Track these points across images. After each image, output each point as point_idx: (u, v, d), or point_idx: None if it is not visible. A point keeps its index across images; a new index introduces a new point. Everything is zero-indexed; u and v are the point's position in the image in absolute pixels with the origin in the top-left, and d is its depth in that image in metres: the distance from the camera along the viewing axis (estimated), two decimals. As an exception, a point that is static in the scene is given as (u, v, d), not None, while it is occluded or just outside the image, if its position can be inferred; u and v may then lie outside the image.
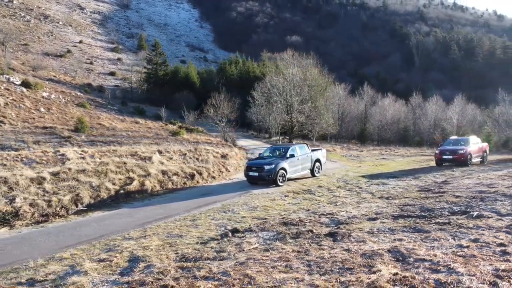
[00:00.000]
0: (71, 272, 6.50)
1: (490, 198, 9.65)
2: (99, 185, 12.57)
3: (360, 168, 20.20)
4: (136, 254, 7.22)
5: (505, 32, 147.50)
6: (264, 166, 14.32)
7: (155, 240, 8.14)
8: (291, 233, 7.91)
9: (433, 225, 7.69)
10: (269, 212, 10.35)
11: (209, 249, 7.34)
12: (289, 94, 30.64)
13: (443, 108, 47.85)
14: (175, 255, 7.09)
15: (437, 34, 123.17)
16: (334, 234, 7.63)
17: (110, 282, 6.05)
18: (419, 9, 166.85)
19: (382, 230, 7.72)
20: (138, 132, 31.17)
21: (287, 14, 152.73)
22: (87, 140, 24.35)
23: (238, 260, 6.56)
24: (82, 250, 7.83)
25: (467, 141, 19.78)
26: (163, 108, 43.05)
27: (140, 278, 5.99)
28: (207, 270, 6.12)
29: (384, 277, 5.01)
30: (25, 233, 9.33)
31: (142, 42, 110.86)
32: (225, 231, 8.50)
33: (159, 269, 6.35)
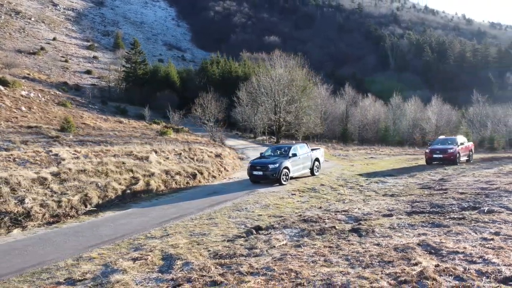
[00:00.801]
0: (109, 271, 6.52)
1: (494, 194, 10.21)
2: (105, 185, 12.46)
3: (354, 167, 20.71)
4: (168, 252, 7.29)
5: (474, 36, 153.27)
6: (269, 165, 14.54)
7: (180, 239, 8.22)
8: (315, 229, 8.16)
9: (450, 220, 8.10)
10: (283, 210, 10.57)
11: (239, 246, 7.48)
12: (278, 94, 30.93)
13: (421, 109, 49.40)
14: (208, 253, 7.21)
15: (411, 37, 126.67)
16: (357, 230, 7.93)
17: (153, 279, 6.13)
18: (393, 11, 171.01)
19: (403, 226, 8.07)
20: (124, 131, 30.77)
21: (264, 14, 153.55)
22: (76, 140, 23.90)
23: (273, 256, 6.75)
24: (108, 249, 7.82)
25: (455, 141, 20.63)
26: (146, 108, 42.61)
27: (183, 275, 6.09)
28: (248, 266, 6.28)
29: (429, 268, 5.32)
30: (41, 234, 9.21)
31: (118, 40, 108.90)
32: (248, 228, 8.67)
33: (198, 266, 6.47)
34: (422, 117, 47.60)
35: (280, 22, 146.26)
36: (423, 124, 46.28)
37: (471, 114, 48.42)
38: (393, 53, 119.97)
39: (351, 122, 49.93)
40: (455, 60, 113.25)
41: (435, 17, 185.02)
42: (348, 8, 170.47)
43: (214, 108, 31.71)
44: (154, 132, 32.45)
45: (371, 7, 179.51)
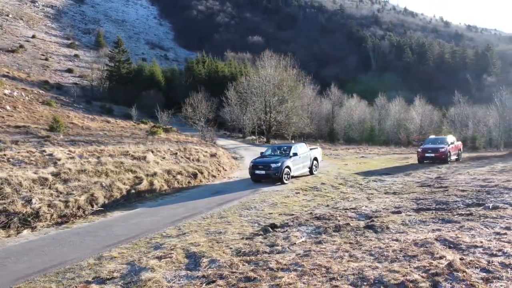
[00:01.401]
0: (137, 269, 6.57)
1: (495, 191, 10.65)
2: (110, 185, 12.40)
3: (348, 166, 21.09)
4: (191, 250, 7.38)
5: (452, 38, 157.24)
6: (271, 164, 14.71)
7: (197, 237, 8.30)
8: (330, 226, 8.38)
9: (458, 216, 8.45)
10: (291, 208, 10.76)
11: (259, 243, 7.62)
12: (268, 94, 31.16)
13: (405, 109, 50.50)
14: (230, 250, 7.33)
15: (392, 38, 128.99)
16: (372, 227, 8.18)
17: (183, 276, 6.22)
18: (374, 13, 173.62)
19: (414, 222, 8.37)
20: (114, 131, 30.44)
21: (247, 14, 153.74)
22: (67, 140, 23.54)
23: (297, 252, 6.92)
24: (127, 249, 7.85)
25: (445, 140, 21.27)
26: (133, 108, 42.21)
27: (213, 272, 6.21)
28: (275, 262, 6.43)
29: (456, 261, 5.59)
30: (53, 234, 9.14)
31: (100, 39, 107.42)
32: (264, 226, 8.82)
33: (225, 263, 6.60)
34: (406, 117, 48.67)
35: (263, 22, 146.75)
36: (407, 124, 47.32)
37: (453, 114, 49.75)
38: (374, 54, 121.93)
39: (336, 122, 50.60)
40: (434, 61, 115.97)
41: (414, 19, 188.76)
42: (330, 9, 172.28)
43: (204, 107, 31.69)
44: (143, 132, 32.19)
45: (352, 8, 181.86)
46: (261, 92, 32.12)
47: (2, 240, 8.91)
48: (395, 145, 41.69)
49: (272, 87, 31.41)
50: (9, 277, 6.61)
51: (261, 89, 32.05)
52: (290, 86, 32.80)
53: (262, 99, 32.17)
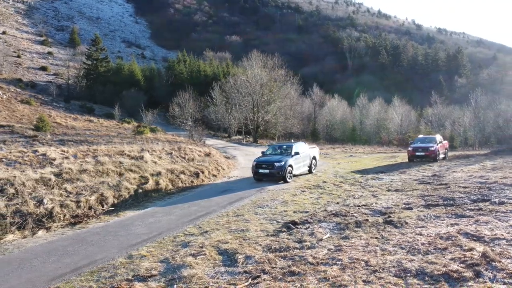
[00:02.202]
0: (175, 266, 6.66)
1: (495, 188, 11.22)
2: (117, 185, 12.31)
3: (341, 165, 21.55)
4: (222, 247, 7.51)
5: (424, 40, 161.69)
6: (275, 163, 14.90)
7: (221, 235, 8.43)
8: (351, 222, 8.67)
9: (469, 211, 8.90)
10: (303, 206, 11.00)
11: (286, 240, 7.82)
12: (257, 94, 31.35)
13: (385, 109, 51.78)
14: (260, 247, 7.50)
15: (367, 40, 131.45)
16: (390, 222, 8.52)
17: (224, 272, 6.36)
18: (349, 15, 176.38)
19: (429, 217, 8.76)
20: (100, 131, 29.90)
21: (225, 13, 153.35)
22: (56, 140, 23.01)
23: (328, 247, 7.16)
24: (154, 247, 7.90)
25: (434, 139, 22.05)
26: (116, 107, 41.51)
27: (255, 268, 6.36)
28: (311, 257, 6.65)
29: (489, 252, 5.96)
30: (71, 235, 9.05)
31: (74, 36, 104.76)
32: (285, 223, 9.02)
33: (261, 259, 6.76)
34: (386, 117, 49.88)
35: (241, 22, 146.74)
36: (387, 124, 48.52)
37: (430, 115, 51.31)
38: (351, 55, 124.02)
39: (318, 122, 51.31)
40: (408, 63, 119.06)
41: (388, 22, 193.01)
42: (307, 10, 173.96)
43: (192, 107, 31.57)
44: (129, 132, 31.74)
45: (328, 9, 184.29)
46: (249, 91, 32.26)
47: (19, 241, 8.78)
48: (377, 145, 42.68)
49: (259, 87, 31.61)
50: (43, 278, 6.57)
51: (250, 88, 32.19)
52: (278, 86, 33.11)
53: (250, 99, 32.33)
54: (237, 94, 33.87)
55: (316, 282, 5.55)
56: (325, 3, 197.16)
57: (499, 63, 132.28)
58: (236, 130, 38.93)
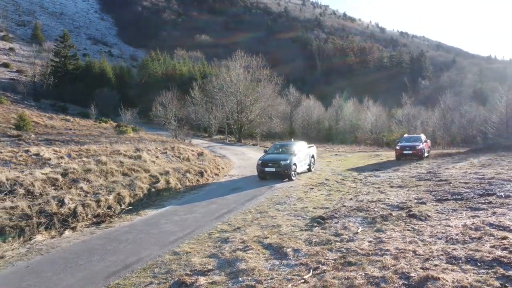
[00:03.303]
0: (230, 261, 6.85)
1: (495, 183, 12.08)
2: (130, 184, 12.25)
3: (333, 164, 22.21)
4: (265, 242, 7.76)
5: (388, 43, 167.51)
6: (281, 161, 15.22)
7: (255, 231, 8.69)
8: (377, 216, 9.16)
9: (481, 205, 9.62)
10: (319, 202, 11.41)
11: (323, 233, 8.19)
12: (242, 94, 31.59)
13: (359, 110, 53.38)
14: (301, 241, 7.81)
15: (335, 42, 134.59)
16: (414, 216, 9.08)
17: (281, 265, 6.63)
18: (316, 17, 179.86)
19: (447, 211, 9.40)
20: (81, 130, 29.19)
21: (194, 12, 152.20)
22: (41, 139, 22.39)
23: (368, 240, 7.58)
24: (194, 244, 8.03)
25: (419, 138, 23.17)
26: (92, 106, 40.51)
27: (309, 260, 6.67)
28: (358, 248, 7.04)
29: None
30: (102, 234, 9.01)
31: (37, 32, 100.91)
32: (314, 219, 9.39)
33: (310, 252, 7.09)
34: (360, 117, 51.42)
35: (211, 21, 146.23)
36: (361, 124, 50.04)
37: (400, 115, 53.32)
38: (319, 56, 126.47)
39: (295, 122, 52.12)
40: (375, 65, 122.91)
41: (353, 24, 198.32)
42: (275, 11, 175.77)
43: (175, 107, 31.38)
44: (110, 131, 31.18)
45: (296, 11, 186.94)
46: (233, 91, 32.45)
47: (50, 241, 8.66)
48: (354, 144, 43.94)
49: (243, 87, 31.87)
50: (98, 275, 6.59)
51: (234, 88, 32.38)
52: (263, 85, 33.49)
53: (235, 99, 32.53)
54: (220, 94, 33.95)
55: (377, 270, 5.93)
56: (292, 4, 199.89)
57: (458, 66, 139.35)
58: (217, 129, 38.97)
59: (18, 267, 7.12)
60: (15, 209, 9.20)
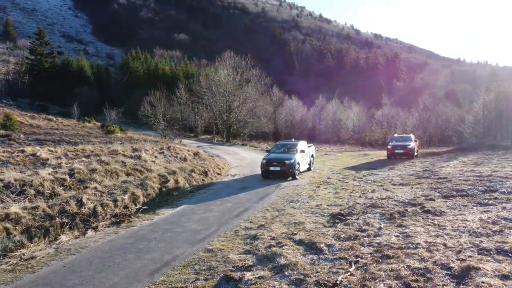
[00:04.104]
0: (267, 257, 7.02)
1: (494, 180, 12.73)
2: (141, 184, 12.24)
3: (327, 163, 22.69)
4: (295, 238, 7.99)
5: (363, 45, 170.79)
6: (285, 161, 15.47)
7: (280, 228, 8.92)
8: (394, 212, 9.55)
9: (488, 200, 10.18)
10: (331, 200, 11.74)
11: (348, 229, 8.50)
12: (232, 94, 31.70)
13: (341, 110, 54.32)
14: (329, 237, 8.10)
15: (313, 43, 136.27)
16: (428, 211, 9.52)
17: (320, 259, 6.88)
18: (294, 18, 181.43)
19: (458, 206, 9.90)
20: (68, 130, 28.59)
21: (172, 11, 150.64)
22: (31, 139, 21.86)
23: (394, 234, 7.94)
24: (224, 241, 8.16)
25: (410, 138, 23.95)
26: (75, 105, 39.67)
27: (345, 254, 6.95)
28: (390, 242, 7.37)
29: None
30: (127, 234, 8.99)
31: (9, 28, 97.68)
32: (333, 215, 9.69)
33: (344, 247, 7.37)
34: (342, 117, 52.34)
35: (189, 20, 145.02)
36: (342, 124, 50.96)
37: (380, 115, 54.59)
38: (297, 57, 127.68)
39: (278, 122, 52.50)
40: (351, 66, 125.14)
41: (330, 26, 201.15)
42: (253, 11, 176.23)
43: (164, 106, 31.18)
44: (95, 130, 30.68)
45: (273, 11, 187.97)
46: (223, 91, 32.50)
47: (75, 241, 8.61)
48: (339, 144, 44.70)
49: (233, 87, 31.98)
50: (141, 273, 6.64)
51: (224, 88, 32.45)
52: (252, 86, 33.69)
53: (224, 99, 32.59)
54: (209, 94, 33.93)
55: (417, 262, 6.26)
56: (270, 5, 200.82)
57: (430, 68, 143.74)
58: (203, 130, 38.90)
59: (54, 267, 7.08)
60: (37, 210, 9.10)
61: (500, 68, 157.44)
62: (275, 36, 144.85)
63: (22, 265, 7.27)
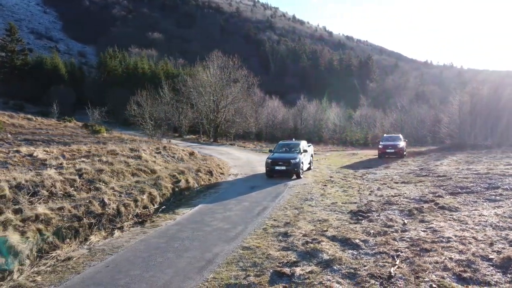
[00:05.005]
0: (309, 252, 7.26)
1: (493, 178, 13.43)
2: (154, 183, 12.20)
3: (321, 162, 23.10)
4: (330, 235, 8.26)
5: (336, 46, 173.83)
6: (291, 160, 15.72)
7: (306, 225, 9.17)
8: (412, 209, 9.98)
9: (495, 196, 10.78)
10: (343, 198, 12.09)
11: (373, 225, 8.84)
12: (219, 94, 31.70)
13: (321, 110, 55.26)
14: (359, 233, 8.41)
15: (288, 43, 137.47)
16: (443, 207, 10.01)
17: (360, 254, 7.16)
18: (268, 18, 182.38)
19: (468, 202, 10.45)
20: (52, 130, 27.80)
21: (145, 9, 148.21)
22: (20, 139, 21.19)
23: (419, 230, 8.33)
24: (257, 239, 8.31)
25: (399, 138, 24.76)
26: (54, 105, 38.56)
27: (383, 248, 7.27)
28: (420, 237, 7.76)
29: None
30: (156, 233, 8.98)
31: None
32: (354, 212, 10.04)
33: (379, 242, 7.69)
34: (322, 117, 53.26)
35: (163, 18, 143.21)
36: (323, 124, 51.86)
37: (358, 116, 55.90)
38: (273, 58, 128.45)
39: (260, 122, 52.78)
40: (326, 67, 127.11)
41: (303, 27, 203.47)
42: (227, 11, 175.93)
43: (150, 106, 30.83)
44: (81, 131, 29.99)
45: (247, 12, 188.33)
46: (211, 91, 32.44)
47: (105, 241, 8.56)
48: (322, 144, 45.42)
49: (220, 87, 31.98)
50: (189, 270, 6.70)
51: (211, 88, 32.38)
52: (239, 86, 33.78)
53: (212, 98, 32.53)
54: (195, 94, 33.76)
55: (457, 254, 6.66)
56: (244, 5, 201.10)
57: (400, 70, 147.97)
58: (187, 129, 38.65)
59: (97, 267, 7.05)
60: (62, 210, 8.97)
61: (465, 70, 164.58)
62: (250, 36, 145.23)
63: (62, 266, 7.21)
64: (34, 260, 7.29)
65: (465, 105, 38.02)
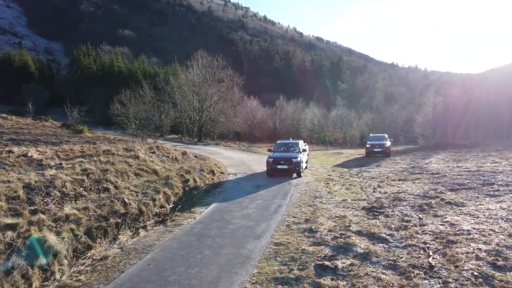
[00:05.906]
0: (341, 246, 7.60)
1: (485, 175, 14.27)
2: (166, 183, 12.23)
3: (313, 161, 23.56)
4: (353, 229, 8.65)
5: (306, 47, 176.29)
6: (292, 159, 16.04)
7: (325, 221, 9.51)
8: (422, 204, 10.54)
9: (494, 192, 11.52)
10: (350, 195, 12.54)
11: (391, 220, 9.31)
12: (204, 93, 31.65)
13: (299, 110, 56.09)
14: (382, 227, 8.84)
15: (261, 44, 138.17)
16: (450, 203, 10.62)
17: (391, 247, 7.57)
18: (240, 18, 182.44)
19: (470, 197, 11.12)
20: (33, 130, 26.93)
21: (115, 6, 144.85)
22: (6, 139, 20.50)
23: (436, 224, 8.86)
24: (284, 236, 8.56)
25: (385, 137, 25.62)
26: (30, 103, 37.25)
27: (410, 242, 7.70)
28: (441, 230, 8.27)
29: None
30: (183, 232, 9.06)
31: None
32: (368, 209, 10.47)
33: (404, 235, 8.14)
34: (301, 117, 54.08)
35: (133, 16, 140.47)
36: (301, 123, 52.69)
37: (334, 116, 57.12)
38: (246, 57, 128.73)
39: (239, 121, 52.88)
40: (298, 68, 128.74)
41: (274, 28, 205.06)
42: (199, 9, 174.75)
43: (134, 106, 30.41)
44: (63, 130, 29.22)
45: (219, 11, 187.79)
46: (195, 90, 32.32)
47: (134, 240, 8.61)
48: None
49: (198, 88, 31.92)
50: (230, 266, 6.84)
51: (196, 88, 32.27)
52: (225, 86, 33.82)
53: (197, 98, 32.41)
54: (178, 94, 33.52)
55: (483, 245, 7.18)
56: (215, 4, 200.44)
57: (369, 71, 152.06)
58: (169, 129, 38.29)
59: (139, 265, 7.11)
60: (88, 210, 8.90)
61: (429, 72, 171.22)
62: (222, 36, 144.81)
63: (101, 265, 7.23)
64: (71, 260, 7.25)
65: (439, 106, 39.71)
